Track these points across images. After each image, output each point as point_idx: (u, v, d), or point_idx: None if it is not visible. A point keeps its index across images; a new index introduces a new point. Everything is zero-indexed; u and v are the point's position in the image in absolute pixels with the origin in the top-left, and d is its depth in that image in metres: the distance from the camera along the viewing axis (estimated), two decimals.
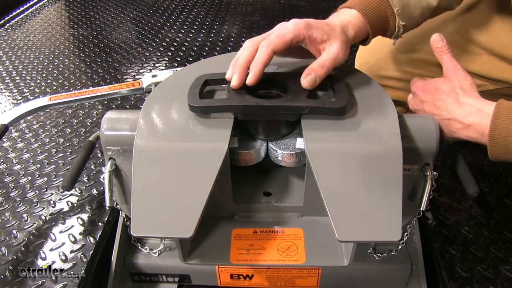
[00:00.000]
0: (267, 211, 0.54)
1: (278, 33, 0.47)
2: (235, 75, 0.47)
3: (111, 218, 0.58)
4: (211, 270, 0.51)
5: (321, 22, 0.49)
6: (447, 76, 0.54)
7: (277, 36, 0.47)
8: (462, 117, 0.50)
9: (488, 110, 0.47)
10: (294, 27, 0.47)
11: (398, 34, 0.55)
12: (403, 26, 0.54)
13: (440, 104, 0.52)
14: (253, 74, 0.47)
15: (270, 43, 0.47)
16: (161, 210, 0.41)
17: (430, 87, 0.55)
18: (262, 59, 0.46)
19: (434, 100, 0.53)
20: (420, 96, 0.56)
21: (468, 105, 0.50)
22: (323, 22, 0.49)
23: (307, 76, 0.47)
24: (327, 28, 0.48)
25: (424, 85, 0.56)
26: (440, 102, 0.52)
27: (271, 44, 0.46)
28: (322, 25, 0.48)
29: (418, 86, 0.57)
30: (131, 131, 0.48)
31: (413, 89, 0.58)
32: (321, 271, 0.50)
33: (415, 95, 0.58)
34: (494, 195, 0.72)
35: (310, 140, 0.44)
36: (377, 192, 0.41)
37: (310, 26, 0.47)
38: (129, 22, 1.61)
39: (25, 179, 0.82)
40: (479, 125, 0.48)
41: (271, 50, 0.47)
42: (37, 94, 1.14)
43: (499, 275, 0.59)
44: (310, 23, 0.47)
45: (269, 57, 0.47)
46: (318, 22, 0.48)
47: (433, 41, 0.55)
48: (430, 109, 0.54)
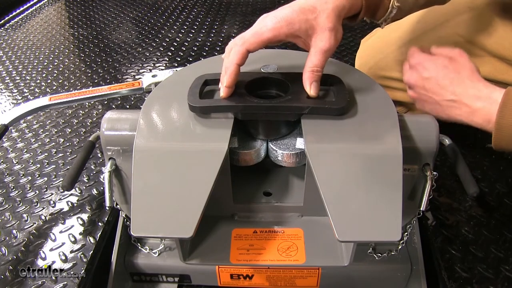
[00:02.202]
0: (267, 211, 0.54)
1: (255, 30, 0.44)
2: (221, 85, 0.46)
3: (111, 218, 0.58)
4: (211, 270, 0.51)
5: (305, 11, 0.44)
6: (453, 55, 0.51)
7: (253, 35, 0.44)
8: (469, 100, 0.47)
9: (497, 97, 0.45)
10: (273, 25, 0.43)
11: (389, 16, 0.51)
12: (397, 7, 0.49)
13: (446, 83, 0.49)
14: (227, 76, 0.45)
15: (244, 41, 0.44)
16: (161, 210, 0.41)
17: (437, 64, 0.51)
18: (234, 61, 0.44)
19: (439, 78, 0.50)
20: (421, 72, 0.52)
21: (476, 89, 0.47)
22: (308, 9, 0.44)
23: (311, 85, 0.46)
24: (312, 17, 0.44)
25: (427, 60, 0.52)
26: (446, 80, 0.49)
27: (246, 43, 0.44)
28: (306, 14, 0.44)
29: (420, 60, 0.53)
30: (131, 131, 0.48)
31: (413, 63, 0.54)
32: (321, 271, 0.50)
33: (414, 70, 0.54)
34: (494, 195, 0.72)
35: (310, 140, 0.44)
36: (377, 192, 0.41)
37: (292, 23, 0.43)
38: (129, 22, 1.61)
39: (25, 179, 0.82)
40: (487, 111, 0.46)
41: (245, 50, 0.44)
42: (37, 94, 1.14)
43: (499, 275, 0.59)
44: (293, 19, 0.43)
45: (243, 58, 0.44)
46: (302, 12, 0.44)
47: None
48: (432, 87, 0.50)
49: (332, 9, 0.44)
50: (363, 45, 0.85)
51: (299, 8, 0.44)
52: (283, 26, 0.43)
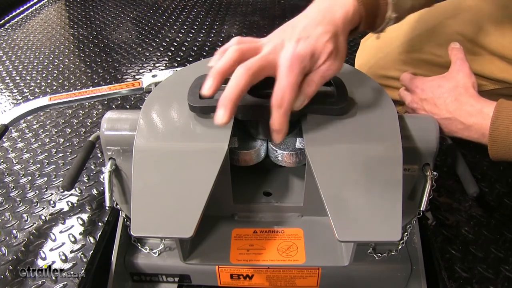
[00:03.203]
0: (267, 211, 0.54)
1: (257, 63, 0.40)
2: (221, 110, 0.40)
3: (111, 218, 0.58)
4: (211, 270, 0.51)
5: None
6: (451, 72, 0.53)
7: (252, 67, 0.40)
8: (462, 117, 0.49)
9: (489, 111, 0.47)
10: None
11: (386, 26, 0.50)
12: (394, 18, 0.49)
13: (440, 102, 0.52)
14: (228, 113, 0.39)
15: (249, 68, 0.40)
16: (161, 210, 0.41)
17: (432, 84, 0.54)
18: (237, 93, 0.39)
19: (435, 98, 0.53)
20: (419, 94, 0.55)
21: (469, 105, 0.50)
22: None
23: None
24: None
25: (424, 82, 0.55)
26: (440, 100, 0.52)
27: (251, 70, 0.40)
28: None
29: (417, 84, 0.56)
30: (131, 131, 0.48)
31: (412, 87, 0.57)
32: (321, 271, 0.50)
33: (413, 93, 0.57)
34: (494, 195, 0.72)
35: (310, 140, 0.44)
36: (377, 192, 0.41)
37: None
38: (129, 22, 1.61)
39: (25, 179, 0.82)
40: (480, 125, 0.48)
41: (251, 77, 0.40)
42: (37, 94, 1.14)
43: (499, 275, 0.59)
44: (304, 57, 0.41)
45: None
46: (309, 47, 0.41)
47: (452, 44, 0.56)
48: (430, 107, 0.53)
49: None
50: (363, 45, 0.85)
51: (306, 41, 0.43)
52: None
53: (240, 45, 0.43)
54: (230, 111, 0.39)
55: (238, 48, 0.42)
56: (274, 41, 0.43)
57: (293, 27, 0.43)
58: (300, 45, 0.41)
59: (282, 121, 0.41)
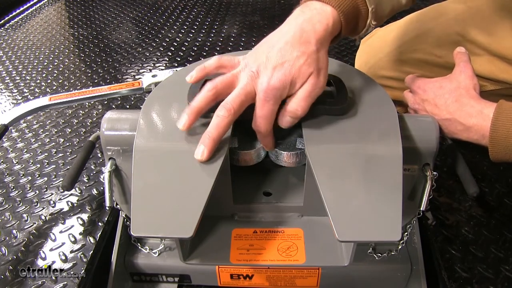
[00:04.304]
0: (267, 211, 0.54)
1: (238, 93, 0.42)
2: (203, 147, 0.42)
3: (111, 218, 0.58)
4: (211, 270, 0.51)
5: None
6: (454, 74, 0.53)
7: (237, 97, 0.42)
8: (463, 118, 0.49)
9: (489, 112, 0.47)
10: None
11: (365, 33, 0.51)
12: (374, 25, 0.49)
13: (441, 102, 0.52)
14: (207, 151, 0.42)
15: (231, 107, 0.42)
16: (161, 210, 0.41)
17: (434, 85, 0.54)
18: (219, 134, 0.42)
19: (436, 98, 0.53)
20: (421, 94, 0.55)
21: (469, 106, 0.50)
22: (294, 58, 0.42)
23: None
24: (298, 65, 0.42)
25: (426, 83, 0.55)
26: (441, 100, 0.52)
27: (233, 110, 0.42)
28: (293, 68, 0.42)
29: (419, 85, 0.56)
30: (131, 131, 0.48)
31: (414, 88, 0.58)
32: (321, 271, 0.50)
33: (415, 94, 0.57)
34: (494, 195, 0.72)
35: (310, 140, 0.44)
36: (377, 192, 0.41)
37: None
38: (129, 22, 1.61)
39: (25, 179, 0.82)
40: (480, 127, 0.48)
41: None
42: (37, 94, 1.14)
43: (499, 275, 0.59)
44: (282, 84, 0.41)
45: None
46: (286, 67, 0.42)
47: (457, 48, 0.56)
48: (431, 108, 0.53)
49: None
50: (363, 45, 0.85)
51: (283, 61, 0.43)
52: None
53: (215, 82, 0.44)
54: (210, 150, 0.42)
55: (213, 87, 0.43)
56: (250, 66, 0.44)
57: (270, 48, 0.43)
58: (275, 75, 0.42)
59: (265, 141, 0.46)
